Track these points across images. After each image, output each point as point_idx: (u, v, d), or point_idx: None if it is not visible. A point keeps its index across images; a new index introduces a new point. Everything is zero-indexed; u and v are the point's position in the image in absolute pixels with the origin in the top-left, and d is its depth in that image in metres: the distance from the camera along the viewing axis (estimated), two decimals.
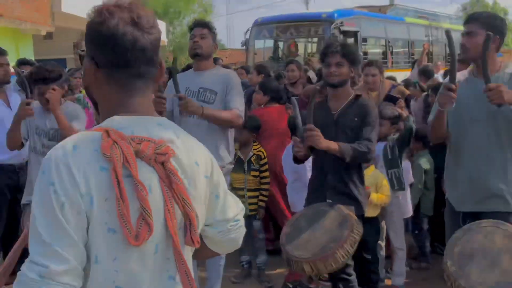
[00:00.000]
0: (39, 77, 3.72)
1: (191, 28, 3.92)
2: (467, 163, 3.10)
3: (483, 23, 3.02)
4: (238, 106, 3.78)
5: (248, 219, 4.86)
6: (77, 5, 12.06)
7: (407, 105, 5.51)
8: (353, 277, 3.51)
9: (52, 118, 3.71)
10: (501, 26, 3.07)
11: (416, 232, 5.07)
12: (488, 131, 3.03)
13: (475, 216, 3.03)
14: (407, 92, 6.02)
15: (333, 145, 3.30)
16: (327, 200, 3.42)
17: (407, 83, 7.18)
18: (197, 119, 3.72)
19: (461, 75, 3.21)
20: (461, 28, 3.28)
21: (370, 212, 3.81)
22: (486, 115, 3.01)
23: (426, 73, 7.76)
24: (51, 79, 3.70)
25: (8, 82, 4.57)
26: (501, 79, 2.99)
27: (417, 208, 4.97)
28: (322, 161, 3.48)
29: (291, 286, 4.57)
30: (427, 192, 5.00)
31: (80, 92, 6.24)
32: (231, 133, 3.98)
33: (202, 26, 3.87)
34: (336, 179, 3.44)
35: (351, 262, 3.44)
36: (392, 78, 7.04)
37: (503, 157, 3.02)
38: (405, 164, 4.65)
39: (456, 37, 3.07)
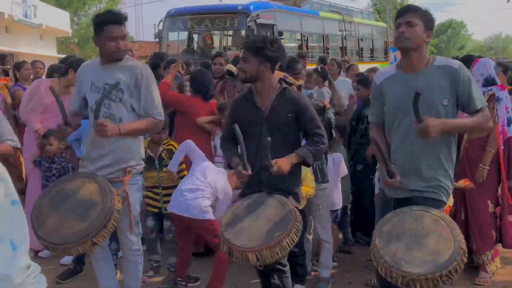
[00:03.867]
0: None
1: (104, 22, 3.41)
2: (400, 153, 3.13)
3: (421, 15, 3.07)
4: (152, 109, 3.52)
5: (159, 218, 4.70)
6: None
7: None
8: (287, 268, 3.50)
9: None
10: (433, 21, 3.15)
11: (336, 220, 5.11)
12: None
13: (407, 203, 3.07)
14: (296, 83, 6.06)
15: (293, 160, 3.26)
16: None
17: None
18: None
19: (388, 70, 3.27)
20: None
21: None
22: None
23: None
24: None
25: None
26: (430, 74, 3.05)
27: None
28: (257, 159, 3.34)
29: (183, 282, 4.49)
30: (343, 182, 5.02)
31: None
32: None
33: (123, 23, 3.45)
34: (271, 176, 3.29)
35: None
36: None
37: (435, 148, 3.07)
38: (337, 155, 4.66)
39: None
